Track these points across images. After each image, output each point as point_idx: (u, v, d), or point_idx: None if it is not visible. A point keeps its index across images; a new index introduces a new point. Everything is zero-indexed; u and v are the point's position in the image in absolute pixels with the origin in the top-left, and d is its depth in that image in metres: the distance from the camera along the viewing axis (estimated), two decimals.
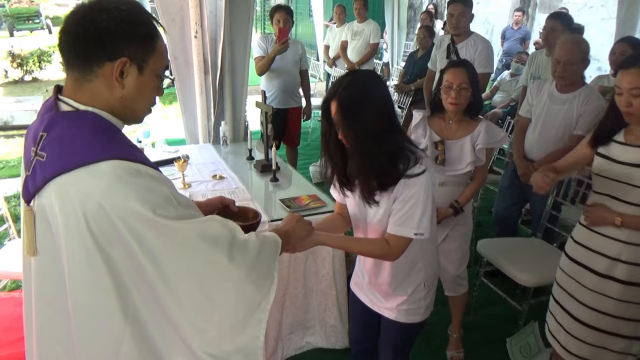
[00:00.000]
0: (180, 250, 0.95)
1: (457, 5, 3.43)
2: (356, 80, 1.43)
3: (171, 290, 0.95)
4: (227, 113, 3.36)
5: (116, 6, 0.95)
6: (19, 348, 2.45)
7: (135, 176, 0.92)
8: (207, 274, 0.99)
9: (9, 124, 6.34)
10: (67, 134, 0.94)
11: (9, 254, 2.50)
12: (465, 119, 2.22)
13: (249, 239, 1.08)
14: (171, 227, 0.94)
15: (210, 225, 1.01)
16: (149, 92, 1.04)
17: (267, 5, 17.02)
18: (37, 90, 8.81)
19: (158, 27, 1.04)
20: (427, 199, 1.45)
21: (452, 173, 2.23)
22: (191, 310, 0.98)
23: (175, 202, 0.97)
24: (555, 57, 2.59)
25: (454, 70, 2.16)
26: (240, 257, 1.02)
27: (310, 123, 6.00)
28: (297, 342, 2.48)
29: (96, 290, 0.94)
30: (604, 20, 7.45)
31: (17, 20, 17.63)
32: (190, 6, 3.07)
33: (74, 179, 0.91)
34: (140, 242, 0.91)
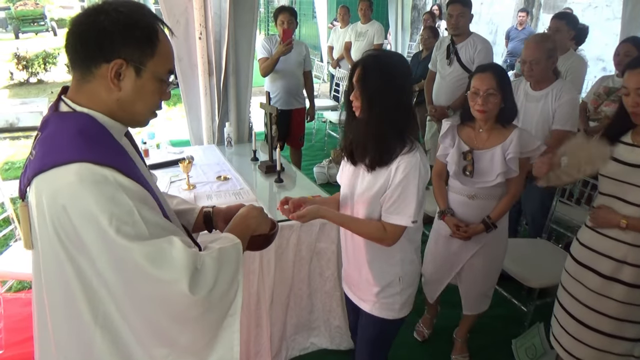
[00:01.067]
0: (128, 272, 0.91)
1: (456, 5, 3.46)
2: (385, 56, 1.56)
3: (123, 309, 0.94)
4: (232, 114, 3.36)
5: (115, 8, 0.95)
6: (25, 348, 2.46)
7: (100, 183, 0.90)
8: (162, 301, 0.94)
9: (14, 126, 6.38)
10: (54, 133, 0.96)
11: (15, 255, 2.51)
12: (496, 127, 2.08)
13: (204, 262, 0.99)
14: (123, 246, 0.89)
15: (170, 251, 0.93)
16: (148, 96, 1.02)
17: (271, 6, 17.04)
18: (42, 92, 8.85)
19: (165, 30, 1.02)
20: (418, 183, 1.53)
21: (481, 185, 2.10)
22: (147, 332, 0.96)
23: (138, 218, 0.91)
24: (522, 57, 2.64)
25: (481, 75, 2.02)
26: (199, 285, 0.96)
27: (314, 124, 6.01)
28: (301, 343, 2.48)
29: (66, 290, 0.94)
30: (608, 20, 7.42)
31: (23, 22, 17.72)
32: (195, 8, 3.08)
33: (47, 179, 0.91)
34: (96, 252, 0.90)
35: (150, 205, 0.98)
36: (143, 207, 0.94)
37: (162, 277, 0.92)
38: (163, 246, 0.93)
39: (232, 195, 2.50)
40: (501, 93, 1.99)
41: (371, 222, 1.59)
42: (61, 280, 0.94)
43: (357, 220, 1.63)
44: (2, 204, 2.66)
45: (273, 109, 2.80)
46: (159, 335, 0.97)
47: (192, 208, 1.36)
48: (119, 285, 0.91)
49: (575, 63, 3.41)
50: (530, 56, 2.56)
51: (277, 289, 2.27)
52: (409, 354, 2.52)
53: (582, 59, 3.53)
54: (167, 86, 1.05)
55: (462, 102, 3.56)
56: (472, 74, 2.09)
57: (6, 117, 6.39)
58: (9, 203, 2.67)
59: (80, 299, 0.93)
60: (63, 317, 0.98)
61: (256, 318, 2.22)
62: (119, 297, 0.93)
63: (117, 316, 0.95)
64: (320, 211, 1.59)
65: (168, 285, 0.93)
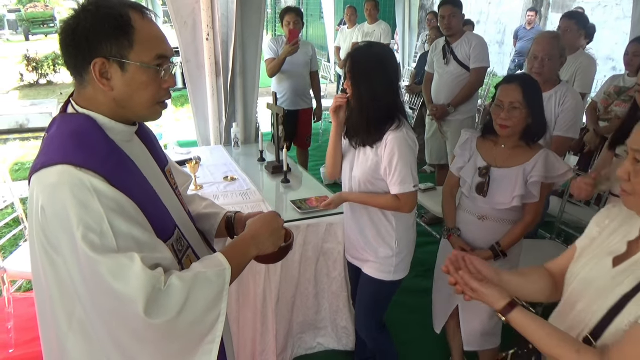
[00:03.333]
0: (91, 281, 0.88)
1: (447, 7, 3.52)
2: (371, 47, 1.78)
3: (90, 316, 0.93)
4: (239, 115, 3.37)
5: (84, 8, 0.93)
6: (35, 347, 2.48)
7: (75, 186, 0.87)
8: (120, 320, 0.90)
9: (24, 127, 6.44)
10: (54, 134, 0.97)
11: (24, 255, 2.53)
12: (520, 145, 1.87)
13: (171, 285, 0.91)
14: (85, 253, 0.86)
15: (130, 269, 0.87)
16: (143, 88, 0.96)
17: (277, 7, 17.08)
18: (51, 93, 8.93)
19: (144, 15, 0.96)
20: (407, 153, 1.75)
21: (493, 207, 1.91)
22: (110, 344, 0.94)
23: (107, 227, 0.87)
24: (532, 53, 2.51)
25: (506, 86, 1.83)
26: (159, 309, 0.89)
27: (321, 125, 6.01)
28: (308, 342, 2.48)
29: (45, 291, 0.95)
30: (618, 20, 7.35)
31: (33, 24, 17.91)
32: (202, 9, 3.09)
33: (37, 179, 0.92)
34: (68, 255, 0.89)
35: (129, 215, 0.91)
36: (117, 217, 0.89)
37: (119, 293, 0.87)
38: (123, 262, 0.87)
39: (239, 196, 2.51)
40: (528, 107, 1.79)
41: (386, 196, 1.82)
42: (42, 281, 0.95)
43: (375, 196, 1.85)
44: (12, 204, 2.69)
45: (280, 109, 2.80)
46: (121, 350, 0.94)
47: (218, 212, 1.33)
48: (84, 293, 0.90)
49: (585, 62, 3.39)
50: (542, 51, 2.43)
51: (283, 288, 2.27)
52: None
53: (591, 58, 3.51)
54: (164, 72, 0.98)
55: (461, 99, 3.57)
56: (497, 85, 1.92)
57: (16, 118, 6.45)
58: (18, 203, 2.70)
59: (56, 300, 0.94)
60: (44, 318, 1.00)
61: (262, 317, 2.22)
62: (86, 304, 0.92)
63: (88, 323, 0.94)
64: (342, 196, 1.94)
65: (125, 303, 0.88)
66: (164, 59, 0.99)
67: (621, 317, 0.97)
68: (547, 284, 1.27)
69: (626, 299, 0.97)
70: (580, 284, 1.11)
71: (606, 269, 1.06)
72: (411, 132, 1.79)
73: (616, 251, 1.07)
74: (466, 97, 3.58)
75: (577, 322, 1.08)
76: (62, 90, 9.23)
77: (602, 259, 1.09)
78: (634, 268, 1.00)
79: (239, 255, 1.07)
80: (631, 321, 0.95)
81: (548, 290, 1.27)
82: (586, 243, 1.20)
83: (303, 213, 2.28)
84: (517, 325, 1.06)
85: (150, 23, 0.97)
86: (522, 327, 1.05)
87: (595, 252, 1.14)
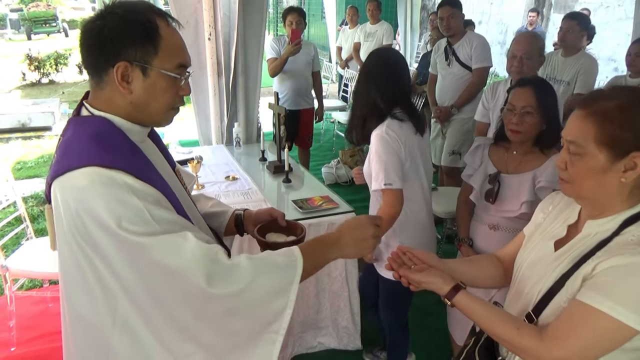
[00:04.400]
0: (144, 269, 0.90)
1: (445, 8, 3.51)
2: (374, 55, 1.93)
3: (140, 309, 0.93)
4: (240, 114, 3.38)
5: (111, 11, 0.94)
6: (36, 346, 2.49)
7: (107, 185, 0.89)
8: (179, 298, 0.91)
9: (26, 126, 6.46)
10: (71, 138, 0.97)
11: (26, 254, 2.54)
12: (533, 151, 1.80)
13: (240, 262, 0.94)
14: (135, 243, 0.88)
15: (184, 244, 0.91)
16: (161, 94, 0.99)
17: (280, 7, 17.09)
18: (53, 92, 8.95)
19: (170, 24, 0.99)
20: (381, 149, 1.80)
21: (503, 214, 1.84)
22: (169, 330, 0.93)
23: (149, 217, 0.90)
24: (511, 52, 2.55)
25: (519, 90, 1.76)
26: (220, 280, 0.91)
27: (322, 125, 6.01)
28: (309, 342, 2.48)
29: (83, 291, 0.95)
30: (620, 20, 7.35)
31: (35, 23, 17.95)
32: (204, 8, 3.10)
33: (62, 183, 0.92)
34: (107, 253, 0.90)
35: (164, 206, 0.96)
36: (154, 207, 0.92)
37: (176, 270, 0.90)
38: (176, 239, 0.91)
39: (240, 195, 2.52)
40: (542, 112, 1.72)
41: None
42: (80, 280, 0.94)
43: None
44: (14, 203, 2.69)
45: (281, 109, 2.81)
46: (181, 331, 0.94)
47: (226, 210, 1.34)
48: (137, 284, 0.91)
49: (587, 63, 3.39)
50: (521, 51, 2.47)
51: None
52: None
53: (593, 59, 3.50)
54: (182, 80, 1.02)
55: (464, 100, 3.57)
56: (509, 88, 1.85)
57: (18, 117, 6.47)
58: (20, 202, 2.70)
59: (98, 299, 0.93)
60: (81, 317, 0.98)
61: None
62: (138, 296, 0.92)
63: (135, 316, 0.94)
64: None
65: (184, 279, 0.90)
66: (183, 68, 1.01)
67: (560, 295, 1.02)
68: (496, 271, 1.32)
69: (564, 277, 1.03)
70: (526, 269, 1.17)
71: (548, 252, 1.12)
72: (393, 124, 1.82)
73: (557, 235, 1.13)
74: (469, 97, 3.58)
75: (524, 304, 1.13)
76: (63, 89, 9.24)
77: (545, 243, 1.15)
78: (573, 249, 1.06)
79: (317, 253, 1.06)
80: (568, 298, 1.00)
81: (497, 277, 1.31)
82: (532, 229, 1.26)
83: (304, 213, 2.29)
84: (461, 308, 1.09)
85: (174, 31, 1.00)
86: (466, 309, 1.09)
87: (540, 237, 1.20)
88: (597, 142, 0.98)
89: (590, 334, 0.93)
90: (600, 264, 0.96)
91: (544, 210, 1.26)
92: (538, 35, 2.63)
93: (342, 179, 4.73)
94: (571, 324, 0.95)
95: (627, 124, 0.96)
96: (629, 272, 0.92)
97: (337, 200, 2.42)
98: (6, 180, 2.69)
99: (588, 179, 1.01)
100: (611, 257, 0.95)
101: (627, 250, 0.95)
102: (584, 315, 0.94)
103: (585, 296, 0.95)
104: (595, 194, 1.03)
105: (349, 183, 4.72)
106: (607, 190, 1.01)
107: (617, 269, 0.93)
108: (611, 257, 0.95)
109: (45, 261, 2.46)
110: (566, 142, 1.05)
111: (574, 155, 1.02)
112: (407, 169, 1.86)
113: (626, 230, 0.99)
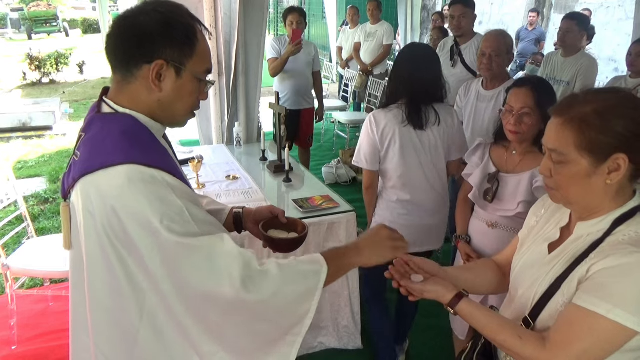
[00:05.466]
0: (180, 269, 0.91)
1: (457, 6, 3.38)
2: (402, 49, 2.18)
3: (169, 308, 0.94)
4: (241, 114, 3.38)
5: (154, 8, 0.96)
6: (37, 344, 2.50)
7: (149, 183, 0.91)
8: (211, 299, 0.93)
9: (27, 125, 6.46)
10: (99, 135, 0.96)
11: (27, 253, 2.55)
12: (532, 151, 1.80)
13: (269, 268, 0.96)
14: (176, 242, 0.89)
15: (222, 247, 0.93)
16: (187, 96, 1.02)
17: (280, 7, 17.10)
18: (54, 92, 8.96)
19: (202, 30, 1.02)
20: (362, 133, 2.09)
21: (501, 213, 1.86)
22: (196, 329, 0.95)
23: (188, 217, 0.92)
24: (480, 50, 2.59)
25: (516, 90, 1.76)
26: (254, 285, 0.93)
27: (323, 124, 6.01)
28: (309, 342, 2.48)
29: (111, 288, 0.95)
30: (621, 21, 7.35)
31: (35, 23, 17.98)
32: (205, 8, 3.10)
33: (95, 181, 0.92)
34: (146, 251, 0.90)
35: (199, 205, 0.98)
36: (192, 206, 0.94)
37: (214, 272, 0.91)
38: (215, 242, 0.93)
39: (241, 195, 2.52)
40: (540, 112, 1.70)
41: None
42: (108, 278, 0.95)
43: None
44: (15, 202, 2.70)
45: (282, 109, 2.81)
46: (209, 331, 0.96)
47: (222, 209, 1.35)
48: (170, 283, 0.91)
49: (586, 63, 3.39)
50: (489, 48, 2.51)
51: None
52: None
53: (592, 59, 3.51)
54: (205, 86, 1.05)
55: None
56: (508, 88, 1.86)
57: (19, 117, 6.48)
58: (21, 201, 2.71)
59: (128, 298, 0.94)
60: (106, 314, 0.98)
61: None
62: (169, 295, 0.92)
63: (163, 315, 0.95)
64: None
65: (219, 281, 0.91)
66: (208, 73, 1.06)
67: (556, 298, 1.02)
68: (494, 276, 1.31)
69: (559, 280, 1.03)
70: (520, 272, 1.17)
71: (542, 255, 1.12)
72: (379, 112, 2.06)
73: (551, 238, 1.13)
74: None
75: (519, 307, 1.13)
76: (64, 89, 9.26)
77: (539, 246, 1.15)
78: (566, 252, 1.06)
79: (339, 260, 1.09)
80: (565, 301, 1.00)
81: (495, 282, 1.31)
82: (525, 233, 1.26)
83: (305, 212, 2.30)
84: (464, 316, 1.09)
85: (205, 38, 1.03)
86: (469, 317, 1.08)
87: (533, 240, 1.20)
88: (579, 149, 0.98)
89: (591, 338, 0.93)
90: (594, 265, 0.96)
91: (536, 214, 1.26)
92: (506, 33, 2.66)
93: (343, 179, 4.74)
94: (571, 330, 0.95)
95: (605, 128, 0.96)
96: (623, 273, 0.92)
97: (338, 199, 2.43)
98: (7, 179, 2.70)
99: (574, 185, 1.01)
100: (604, 258, 0.95)
101: (619, 250, 0.95)
102: (583, 320, 0.94)
103: (582, 300, 0.95)
104: (583, 198, 1.03)
105: (349, 183, 4.73)
106: (594, 194, 1.01)
107: (610, 270, 0.93)
108: (604, 259, 0.95)
109: (46, 260, 2.47)
110: (547, 150, 1.04)
111: (557, 163, 1.01)
112: (385, 153, 2.08)
113: (617, 230, 1.00)
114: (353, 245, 1.14)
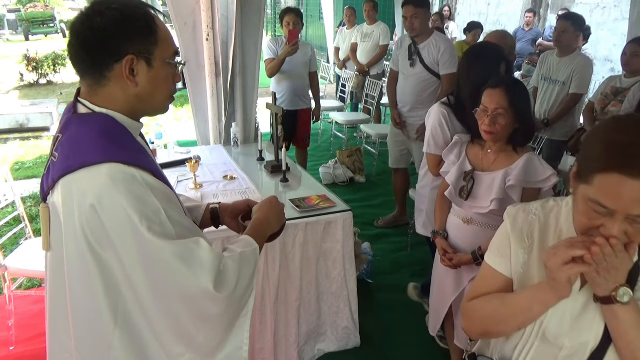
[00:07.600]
0: (157, 269, 0.92)
1: (408, 7, 3.30)
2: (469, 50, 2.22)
3: (144, 309, 0.95)
4: (238, 115, 3.39)
5: (108, 7, 0.94)
6: (35, 345, 2.50)
7: (129, 182, 0.91)
8: (187, 299, 0.96)
9: (24, 127, 6.46)
10: (77, 135, 0.96)
11: (25, 253, 2.55)
12: (506, 150, 1.84)
13: (227, 264, 1.02)
14: (152, 243, 0.90)
15: (198, 251, 0.96)
16: (163, 83, 1.02)
17: (277, 8, 17.10)
18: (51, 93, 8.94)
19: (158, 14, 1.02)
20: None
21: (475, 210, 1.91)
22: (167, 328, 0.97)
23: (165, 218, 0.93)
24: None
25: (491, 91, 1.78)
26: (223, 285, 0.98)
27: (320, 125, 6.03)
28: (309, 352, 2.46)
29: (87, 290, 0.96)
30: (617, 21, 7.38)
31: (33, 24, 17.91)
32: (202, 9, 3.11)
33: (75, 180, 0.92)
34: (124, 249, 0.91)
35: (175, 205, 0.99)
36: (169, 207, 0.95)
37: (190, 275, 0.94)
38: (191, 246, 0.96)
39: (238, 195, 2.53)
40: (514, 112, 1.74)
41: None
42: (84, 279, 0.95)
43: None
44: (12, 203, 2.70)
45: (279, 109, 2.82)
46: (179, 332, 0.98)
47: (198, 205, 1.38)
48: (145, 283, 0.93)
49: (582, 63, 3.42)
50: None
51: (283, 288, 2.28)
52: None
53: (588, 59, 3.53)
54: (176, 68, 1.05)
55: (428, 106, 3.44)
56: (483, 87, 1.85)
57: (16, 118, 6.47)
58: (19, 202, 2.71)
59: (101, 298, 0.95)
60: (84, 316, 0.99)
61: (260, 315, 2.24)
62: (144, 295, 0.94)
63: (138, 315, 0.96)
64: None
65: (195, 283, 0.94)
66: (176, 56, 1.06)
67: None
68: None
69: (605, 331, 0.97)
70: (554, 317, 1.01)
71: (574, 293, 0.97)
72: None
73: None
74: None
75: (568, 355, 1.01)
76: (61, 90, 9.24)
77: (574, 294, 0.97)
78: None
79: (260, 236, 1.19)
80: None
81: None
82: (520, 271, 1.08)
83: (302, 212, 2.31)
84: None
85: (162, 22, 1.03)
86: None
87: (542, 275, 1.02)
88: None
89: None
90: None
91: (522, 246, 1.08)
92: (507, 34, 2.93)
93: (340, 179, 4.75)
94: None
95: None
96: None
97: (334, 199, 2.44)
98: (5, 180, 2.70)
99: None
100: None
101: None
102: None
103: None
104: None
105: (346, 183, 4.74)
106: None
107: None
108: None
109: (44, 261, 2.46)
110: (619, 215, 0.86)
111: None
112: None
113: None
114: (264, 220, 1.24)
